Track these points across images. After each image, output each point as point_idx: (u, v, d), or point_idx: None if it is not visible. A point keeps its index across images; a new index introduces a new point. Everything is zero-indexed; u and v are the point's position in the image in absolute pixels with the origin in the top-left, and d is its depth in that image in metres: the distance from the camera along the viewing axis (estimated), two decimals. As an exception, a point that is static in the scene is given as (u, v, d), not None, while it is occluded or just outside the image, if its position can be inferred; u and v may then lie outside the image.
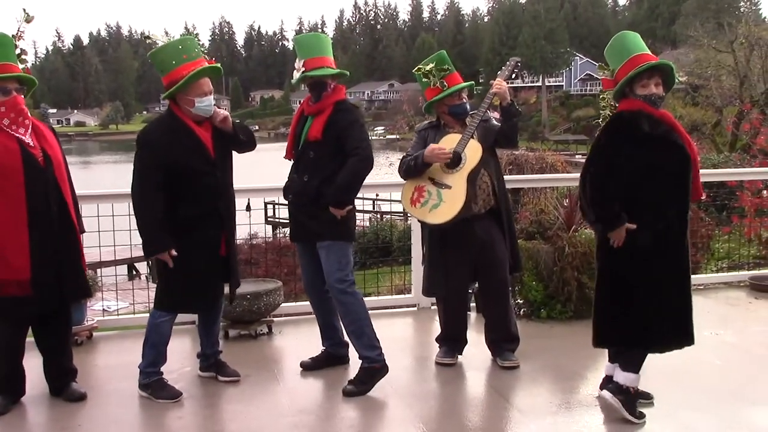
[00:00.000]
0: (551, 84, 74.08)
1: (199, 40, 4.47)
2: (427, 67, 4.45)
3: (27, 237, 3.79)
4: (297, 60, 4.26)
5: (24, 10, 4.08)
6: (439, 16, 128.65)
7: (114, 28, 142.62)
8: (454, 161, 4.33)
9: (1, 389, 3.96)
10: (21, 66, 3.92)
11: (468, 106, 4.50)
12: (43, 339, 4.12)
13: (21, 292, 3.80)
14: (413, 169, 4.41)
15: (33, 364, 4.15)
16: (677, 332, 3.77)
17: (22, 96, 3.86)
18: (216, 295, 4.26)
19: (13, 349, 3.96)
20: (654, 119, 3.68)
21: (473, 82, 4.51)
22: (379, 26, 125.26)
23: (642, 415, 3.78)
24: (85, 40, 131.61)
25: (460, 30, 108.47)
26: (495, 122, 4.50)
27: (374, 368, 4.23)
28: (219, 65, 4.16)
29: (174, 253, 3.98)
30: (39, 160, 3.84)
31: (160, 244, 3.99)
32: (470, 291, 5.06)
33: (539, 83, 71.65)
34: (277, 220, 19.19)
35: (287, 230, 5.59)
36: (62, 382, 4.14)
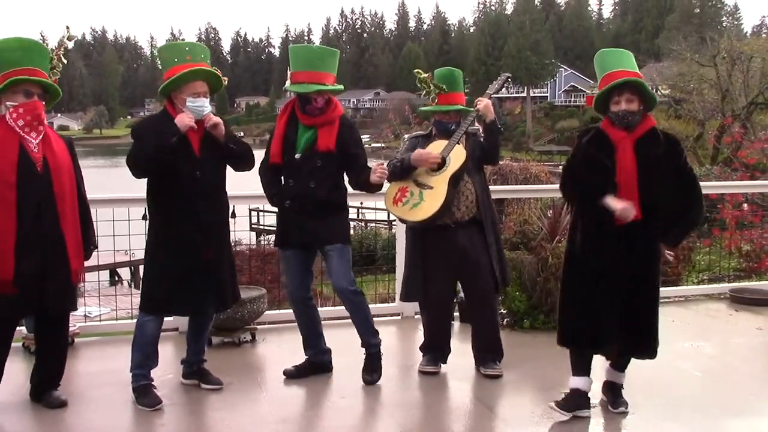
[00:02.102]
0: (536, 95, 74.41)
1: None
2: (421, 76, 4.59)
3: (14, 237, 3.74)
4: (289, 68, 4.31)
5: (67, 27, 4.26)
6: (425, 26, 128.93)
7: (99, 33, 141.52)
8: (438, 164, 4.41)
9: None
10: (52, 78, 3.97)
11: (452, 126, 4.55)
12: (40, 340, 4.11)
13: (4, 290, 3.75)
14: (399, 171, 4.49)
15: (14, 369, 4.11)
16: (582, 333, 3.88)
17: (43, 103, 3.87)
18: (198, 301, 4.19)
19: None
20: (603, 139, 3.79)
21: (467, 108, 4.56)
22: (365, 35, 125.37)
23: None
24: (70, 44, 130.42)
25: (446, 40, 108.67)
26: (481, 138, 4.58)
27: (379, 353, 4.52)
28: (219, 74, 4.15)
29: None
30: (37, 165, 3.81)
31: (165, 144, 3.95)
32: (455, 300, 5.07)
33: (524, 94, 71.97)
34: (261, 227, 19.09)
35: (271, 237, 5.57)
36: (45, 387, 4.11)
